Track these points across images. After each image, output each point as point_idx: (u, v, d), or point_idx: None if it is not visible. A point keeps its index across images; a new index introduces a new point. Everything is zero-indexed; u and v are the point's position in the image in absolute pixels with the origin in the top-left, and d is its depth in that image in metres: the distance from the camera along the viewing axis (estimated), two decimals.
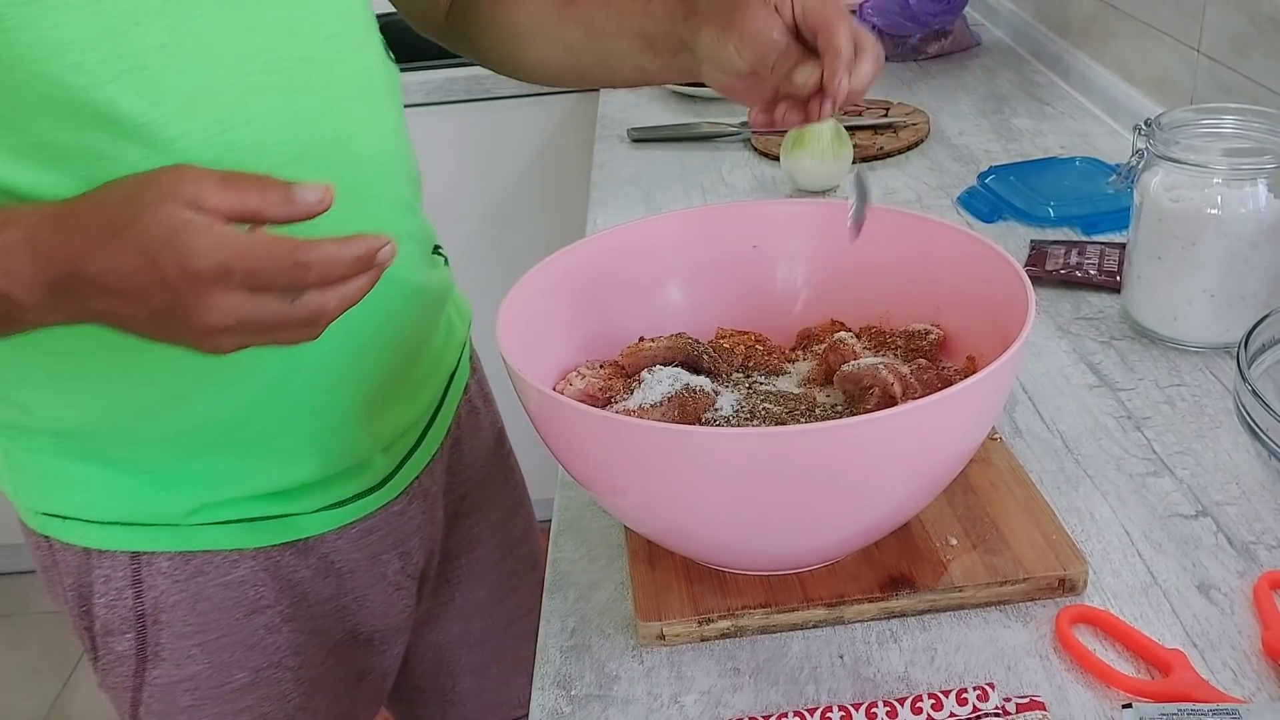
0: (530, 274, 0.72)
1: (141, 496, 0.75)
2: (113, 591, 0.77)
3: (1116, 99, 1.36)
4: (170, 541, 0.76)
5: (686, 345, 0.73)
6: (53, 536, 0.78)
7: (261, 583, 0.79)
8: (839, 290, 0.79)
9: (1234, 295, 0.86)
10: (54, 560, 0.79)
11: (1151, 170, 0.88)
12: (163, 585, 0.77)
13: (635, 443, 0.58)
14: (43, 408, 0.72)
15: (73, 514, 0.76)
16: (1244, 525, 0.71)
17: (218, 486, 0.76)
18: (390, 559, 0.85)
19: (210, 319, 0.55)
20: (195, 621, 0.78)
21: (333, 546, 0.82)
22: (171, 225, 0.53)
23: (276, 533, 0.79)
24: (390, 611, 0.88)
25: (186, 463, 0.74)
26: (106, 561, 0.77)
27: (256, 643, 0.80)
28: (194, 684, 0.80)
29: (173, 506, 0.75)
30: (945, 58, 1.68)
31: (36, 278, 0.56)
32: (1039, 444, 0.80)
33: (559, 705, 0.63)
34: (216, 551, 0.77)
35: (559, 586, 0.71)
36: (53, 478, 0.75)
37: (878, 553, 0.68)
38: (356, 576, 0.84)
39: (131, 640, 0.79)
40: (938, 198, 1.21)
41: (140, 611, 0.78)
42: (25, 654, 2.28)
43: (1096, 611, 0.64)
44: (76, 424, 0.73)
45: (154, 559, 0.76)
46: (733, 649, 0.65)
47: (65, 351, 0.69)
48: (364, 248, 0.55)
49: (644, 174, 1.36)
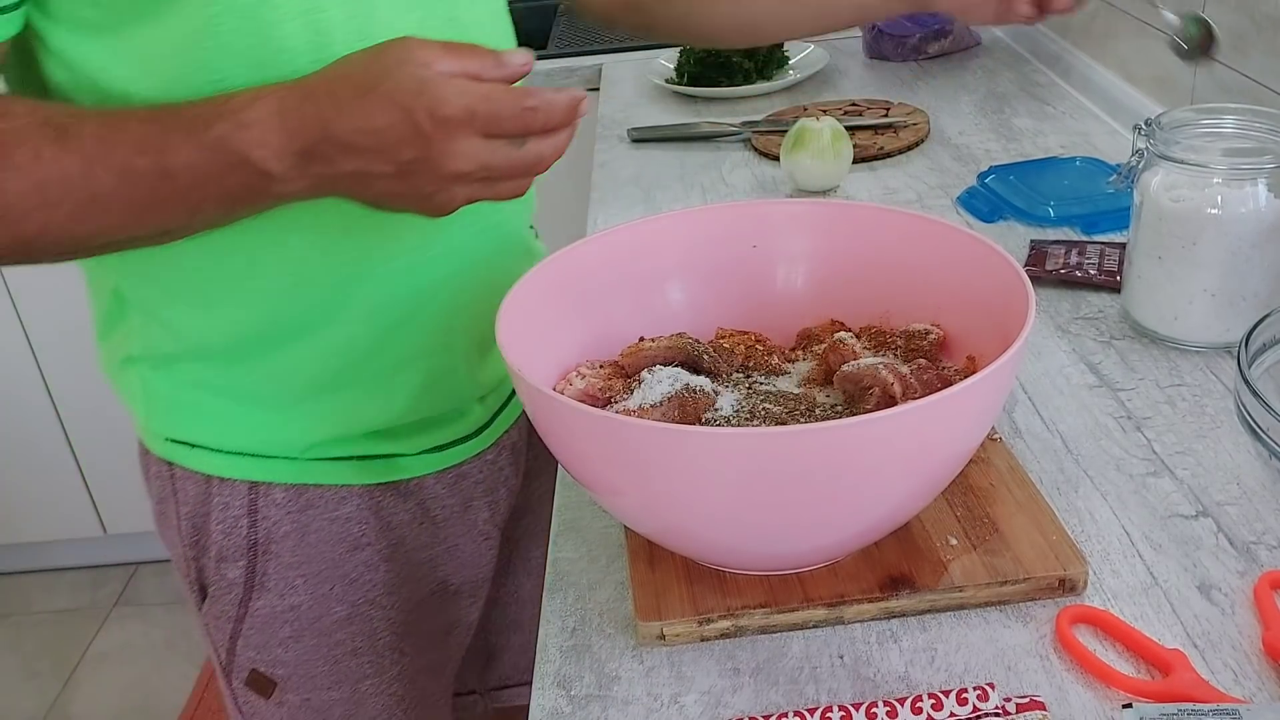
0: (530, 274, 0.72)
1: (264, 428, 0.80)
2: (230, 519, 0.82)
3: (1117, 98, 1.36)
4: (286, 474, 0.82)
5: (686, 345, 0.73)
6: (176, 463, 0.83)
7: (364, 520, 0.84)
8: (839, 290, 0.79)
9: (1234, 295, 0.86)
10: (173, 489, 0.84)
11: (1151, 170, 0.88)
12: (276, 516, 0.82)
13: (635, 443, 0.58)
14: (189, 331, 0.77)
15: (199, 442, 0.81)
16: (1244, 525, 0.71)
17: (333, 423, 0.81)
18: (480, 507, 0.91)
19: (454, 164, 0.60)
20: (302, 553, 0.83)
21: (431, 492, 0.87)
22: (418, 81, 0.59)
23: (382, 472, 0.84)
24: (478, 562, 0.93)
25: (308, 399, 0.79)
26: (226, 490, 0.82)
27: (356, 578, 0.85)
28: (294, 615, 0.85)
29: (291, 440, 0.81)
30: (945, 57, 1.68)
31: (287, 147, 0.61)
32: (1039, 444, 0.80)
33: (559, 705, 0.63)
34: (327, 487, 0.83)
35: (559, 586, 0.71)
36: (185, 407, 0.80)
37: (878, 553, 0.68)
38: (449, 525, 0.89)
39: (243, 568, 0.83)
40: (938, 198, 1.21)
41: (254, 540, 0.83)
42: (25, 654, 2.28)
43: (1097, 611, 0.64)
44: (217, 349, 0.77)
45: (270, 490, 0.82)
46: (733, 649, 0.65)
47: (218, 277, 0.74)
48: (572, 95, 0.62)
49: (644, 174, 1.36)
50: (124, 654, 2.25)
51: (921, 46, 1.67)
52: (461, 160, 0.61)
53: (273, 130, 0.61)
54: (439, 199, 0.63)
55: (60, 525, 2.34)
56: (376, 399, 0.81)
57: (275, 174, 0.62)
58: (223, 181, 0.62)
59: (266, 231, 0.71)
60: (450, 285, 0.77)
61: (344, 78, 0.61)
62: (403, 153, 0.60)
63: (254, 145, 0.61)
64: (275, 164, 0.61)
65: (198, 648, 2.22)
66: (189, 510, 0.84)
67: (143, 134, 0.62)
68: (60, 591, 2.43)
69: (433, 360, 0.82)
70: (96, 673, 2.21)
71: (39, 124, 0.62)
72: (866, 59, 1.71)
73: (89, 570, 2.47)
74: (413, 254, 0.77)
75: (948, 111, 1.46)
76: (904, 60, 1.68)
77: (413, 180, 0.62)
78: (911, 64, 1.67)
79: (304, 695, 0.88)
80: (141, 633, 2.29)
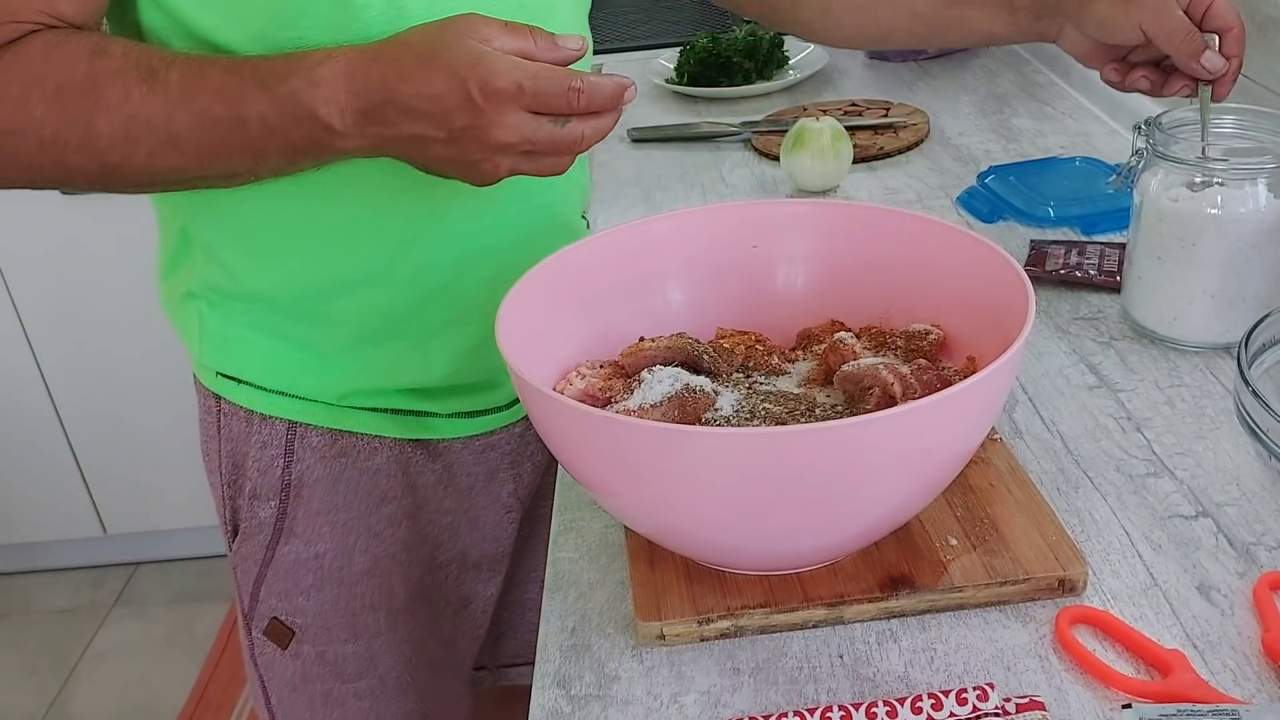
0: (530, 274, 0.72)
1: (304, 371, 0.84)
2: (267, 457, 0.86)
3: (1116, 98, 1.36)
4: (323, 417, 0.85)
5: (686, 345, 0.73)
6: (223, 397, 0.86)
7: (393, 475, 0.88)
8: (839, 290, 0.79)
9: (1234, 295, 0.86)
10: (218, 425, 0.88)
11: (1151, 170, 0.88)
12: (310, 460, 0.86)
13: (635, 443, 0.58)
14: (244, 274, 0.81)
15: (244, 377, 0.85)
16: (1244, 526, 0.71)
17: (371, 376, 0.84)
18: (505, 479, 0.94)
19: (501, 135, 0.65)
20: (331, 500, 0.87)
21: (458, 457, 0.91)
22: (475, 54, 0.64)
23: (414, 428, 0.88)
24: (499, 536, 0.95)
25: (349, 350, 0.83)
26: (266, 428, 0.85)
27: (380, 531, 0.88)
28: (318, 564, 0.88)
29: (329, 386, 0.84)
30: (945, 57, 1.68)
31: (350, 105, 0.66)
32: (1039, 444, 0.80)
33: (559, 705, 0.63)
34: (360, 436, 0.86)
35: (559, 586, 0.71)
36: (234, 342, 0.84)
37: (877, 553, 0.68)
38: (474, 494, 0.92)
39: (274, 508, 0.87)
40: (938, 198, 1.21)
41: (287, 481, 0.86)
42: (24, 653, 2.28)
43: (1096, 612, 0.64)
44: (268, 294, 0.81)
45: (307, 432, 0.85)
46: (732, 649, 0.65)
47: (276, 227, 0.78)
48: (618, 83, 0.67)
49: (644, 174, 1.36)
50: (123, 653, 2.25)
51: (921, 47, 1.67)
52: (507, 131, 0.65)
53: (340, 89, 0.66)
54: (484, 167, 0.67)
55: (60, 525, 2.34)
56: (414, 359, 0.85)
57: (338, 130, 0.66)
58: (289, 133, 0.67)
59: (326, 189, 0.75)
60: (496, 256, 0.81)
61: (408, 46, 0.66)
62: (455, 119, 0.65)
63: (321, 102, 0.66)
64: (338, 121, 0.66)
65: (198, 646, 2.23)
66: (230, 448, 0.87)
67: (223, 83, 0.67)
68: (60, 591, 2.43)
69: (471, 327, 0.84)
70: (96, 672, 2.21)
71: (132, 65, 0.67)
72: (866, 59, 1.71)
73: (89, 570, 2.47)
74: (463, 221, 0.80)
75: (948, 112, 1.46)
76: (904, 60, 1.68)
77: (462, 146, 0.66)
78: (911, 64, 1.67)
79: (319, 648, 0.91)
80: (141, 632, 2.29)
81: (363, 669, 0.92)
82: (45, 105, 0.66)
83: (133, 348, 2.14)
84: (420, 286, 0.82)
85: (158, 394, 2.18)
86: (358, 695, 0.93)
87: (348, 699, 0.93)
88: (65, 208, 2.01)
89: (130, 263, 2.04)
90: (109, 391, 2.19)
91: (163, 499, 2.30)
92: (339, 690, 0.93)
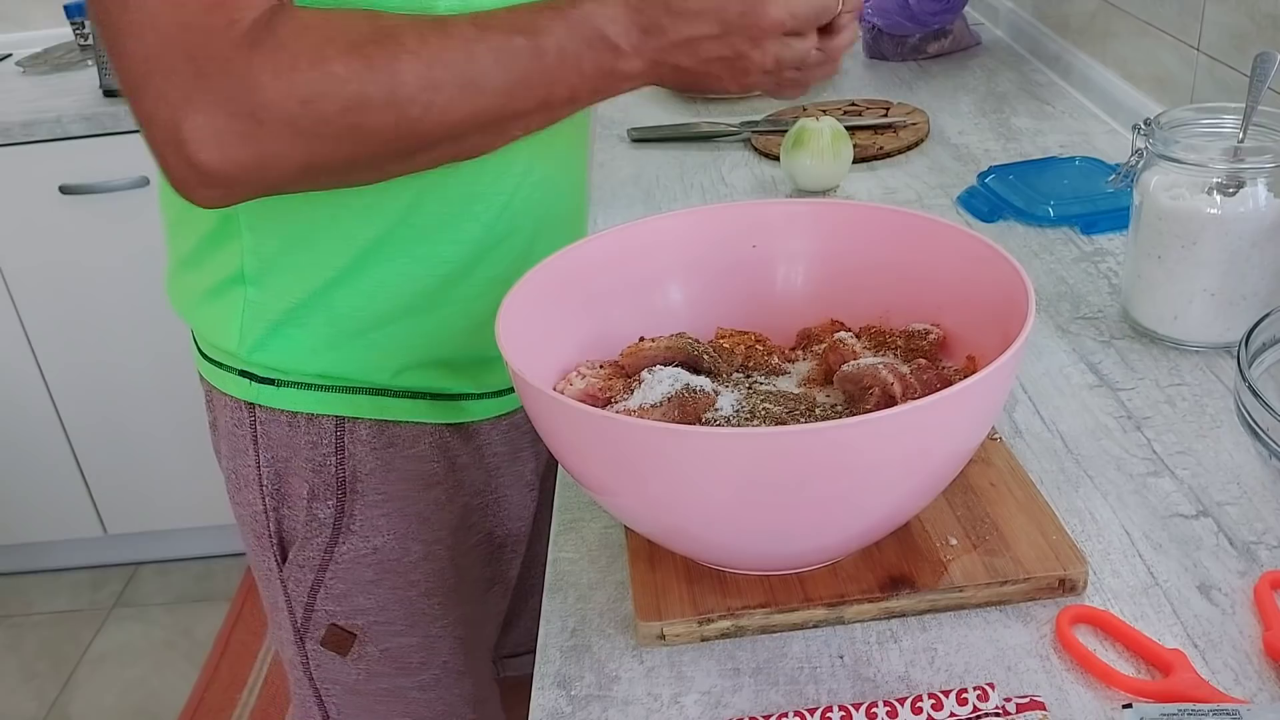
0: (530, 274, 0.72)
1: (353, 353, 0.83)
2: (320, 456, 0.85)
3: (1116, 98, 1.36)
4: (369, 409, 0.85)
5: (686, 345, 0.73)
6: (260, 404, 0.85)
7: (435, 459, 0.89)
8: (839, 290, 0.79)
9: (1234, 294, 0.85)
10: (253, 437, 0.86)
11: (1151, 169, 0.88)
12: (361, 453, 0.86)
13: (635, 443, 0.58)
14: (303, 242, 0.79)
15: (290, 373, 0.84)
16: (1245, 525, 0.71)
17: (417, 347, 0.84)
18: (528, 457, 0.96)
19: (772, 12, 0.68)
20: (385, 490, 0.87)
21: (487, 437, 0.92)
22: None
23: (451, 412, 0.89)
24: (522, 515, 0.97)
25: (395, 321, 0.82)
26: (313, 427, 0.85)
27: (429, 516, 0.89)
28: (377, 557, 0.88)
29: (379, 365, 0.84)
30: (945, 57, 1.68)
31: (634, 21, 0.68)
32: (1039, 444, 0.80)
33: (559, 705, 0.63)
34: (404, 424, 0.87)
35: (559, 586, 0.71)
36: (282, 331, 0.82)
37: (878, 553, 0.68)
38: (500, 473, 0.94)
39: (333, 507, 0.86)
40: (937, 197, 1.21)
41: (342, 477, 0.86)
42: (24, 655, 2.28)
43: (1097, 612, 0.64)
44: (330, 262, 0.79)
45: (355, 426, 0.85)
46: (733, 649, 0.65)
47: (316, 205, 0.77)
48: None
49: (643, 174, 1.36)
50: (123, 655, 2.25)
51: (921, 46, 1.67)
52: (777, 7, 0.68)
53: (621, 7, 0.68)
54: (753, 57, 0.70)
55: (60, 526, 2.34)
56: (456, 323, 0.85)
57: (623, 49, 0.68)
58: (581, 60, 0.68)
59: None
60: (528, 219, 0.83)
61: None
62: (728, 8, 0.68)
63: (609, 20, 0.68)
64: (624, 39, 0.68)
65: (198, 648, 2.22)
66: (271, 456, 0.86)
67: (514, 16, 0.68)
68: (60, 592, 2.43)
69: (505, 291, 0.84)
70: (96, 674, 2.21)
71: (415, 18, 0.67)
72: (866, 59, 1.71)
73: (88, 571, 2.47)
74: (516, 182, 0.82)
75: (947, 111, 1.46)
76: (903, 60, 1.68)
77: (731, 40, 0.69)
78: (911, 64, 1.67)
79: (382, 645, 0.91)
80: (141, 633, 2.29)
81: (425, 659, 0.92)
82: (345, 60, 0.64)
83: (134, 348, 2.14)
84: (475, 246, 0.82)
85: (159, 394, 2.19)
86: (421, 688, 0.93)
87: (410, 692, 0.93)
88: (65, 207, 2.01)
89: (131, 263, 2.04)
90: (110, 391, 2.19)
91: (163, 499, 2.31)
92: (402, 685, 0.93)
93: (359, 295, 0.81)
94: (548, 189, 0.85)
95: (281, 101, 0.63)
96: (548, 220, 0.86)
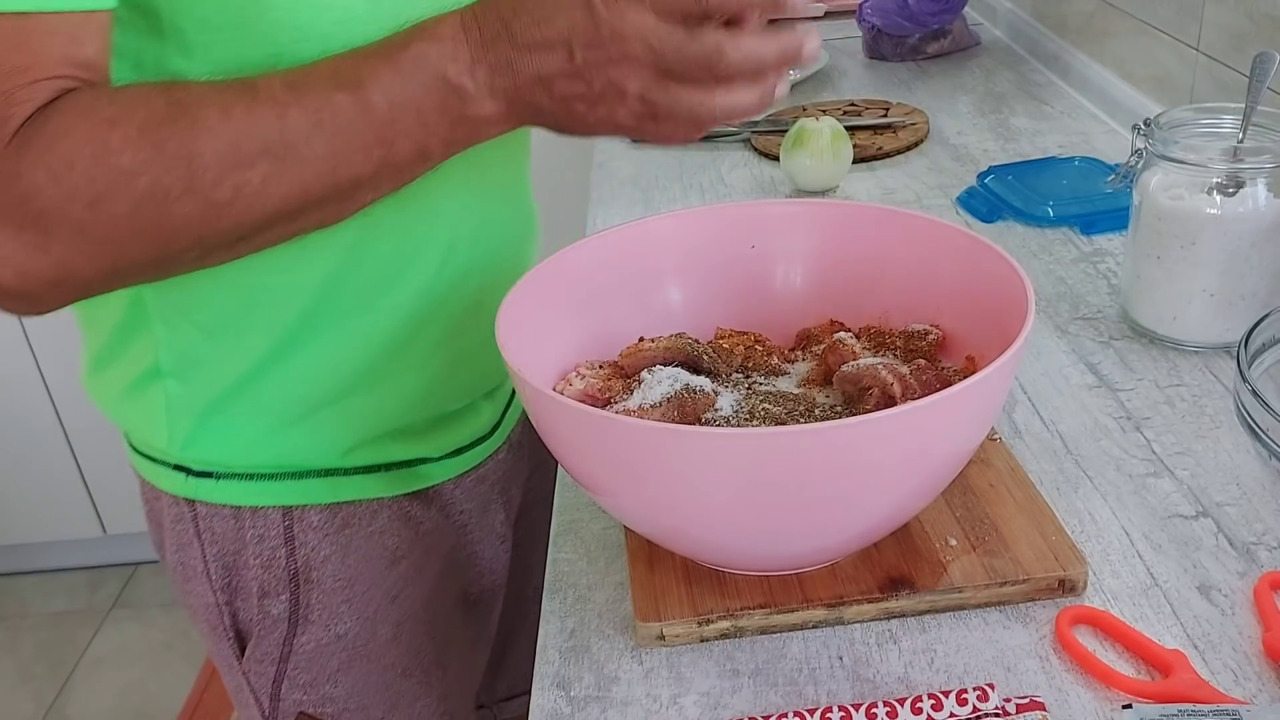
0: (530, 274, 0.72)
1: (300, 438, 0.77)
2: (268, 551, 0.79)
3: (1115, 98, 1.36)
4: (320, 493, 0.79)
5: (686, 345, 0.72)
6: (200, 500, 0.79)
7: (398, 532, 0.83)
8: (838, 290, 0.79)
9: (1234, 295, 0.85)
10: (196, 532, 0.80)
11: (1150, 170, 0.88)
12: (314, 541, 0.79)
13: (635, 443, 0.58)
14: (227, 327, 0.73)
15: (229, 467, 0.78)
16: (1244, 526, 0.71)
17: (367, 421, 0.78)
18: (497, 508, 0.90)
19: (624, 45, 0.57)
20: (345, 575, 0.81)
21: (451, 496, 0.86)
22: None
23: (409, 480, 0.83)
24: (495, 568, 0.92)
25: (344, 398, 0.76)
26: (259, 520, 0.78)
27: (398, 594, 0.83)
28: (342, 644, 0.82)
29: (327, 447, 0.78)
30: (944, 58, 1.68)
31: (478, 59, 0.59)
32: (1038, 445, 0.80)
33: (558, 706, 0.63)
34: (360, 502, 0.81)
35: (558, 587, 0.71)
36: (215, 426, 0.76)
37: (877, 554, 0.68)
38: (470, 530, 0.88)
39: (286, 601, 0.80)
40: (937, 198, 1.21)
41: (294, 570, 0.80)
42: (21, 657, 2.27)
43: (1096, 612, 0.64)
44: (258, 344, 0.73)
45: (305, 513, 0.79)
46: (732, 650, 0.65)
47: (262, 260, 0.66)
48: None
49: (642, 174, 1.36)
50: (121, 656, 2.24)
51: (920, 47, 1.67)
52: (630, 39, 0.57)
53: (462, 44, 0.59)
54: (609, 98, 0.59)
55: (59, 526, 2.34)
56: (408, 389, 0.79)
57: (469, 91, 0.59)
58: (421, 111, 0.59)
59: None
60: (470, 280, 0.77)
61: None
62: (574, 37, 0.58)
63: (449, 60, 0.59)
64: (469, 80, 0.59)
65: (196, 649, 2.22)
66: (218, 550, 0.80)
67: (336, 67, 0.59)
68: (57, 593, 2.43)
69: (460, 343, 0.80)
70: (93, 675, 2.21)
71: (220, 86, 0.58)
72: (865, 59, 1.71)
73: (86, 571, 2.47)
74: (454, 229, 0.76)
75: (946, 111, 1.46)
76: (903, 60, 1.68)
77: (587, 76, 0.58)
78: (910, 64, 1.67)
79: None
80: (139, 635, 2.29)
81: None
82: (132, 149, 0.55)
83: None
84: (419, 305, 0.76)
85: None
86: None
87: None
88: None
89: None
90: None
91: None
92: None
93: (292, 379, 0.75)
94: (490, 230, 0.79)
95: (64, 207, 0.55)
96: (497, 263, 0.80)
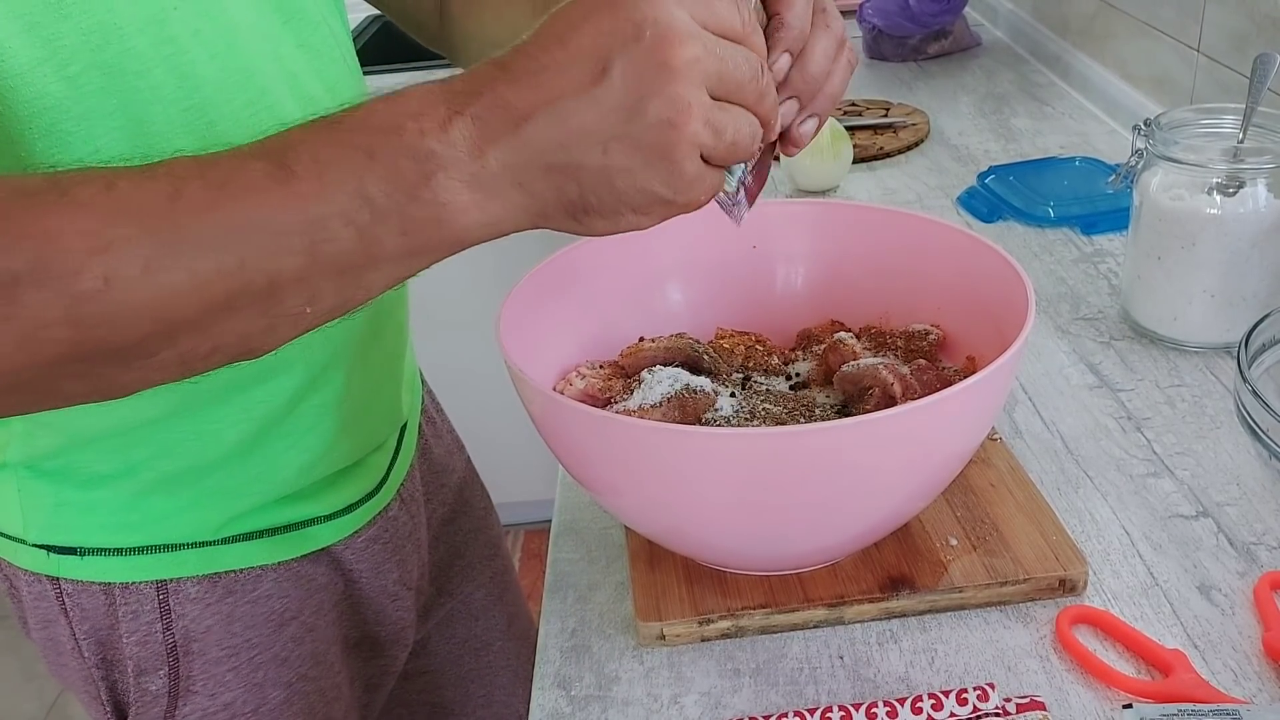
0: (530, 274, 0.72)
1: (172, 513, 0.72)
2: (143, 627, 0.74)
3: (1116, 98, 1.36)
4: (196, 565, 0.73)
5: (686, 345, 0.72)
6: (66, 578, 0.72)
7: (285, 594, 0.77)
8: (839, 290, 0.79)
9: (1234, 295, 0.85)
10: (63, 609, 0.74)
11: (1151, 170, 0.88)
12: (193, 612, 0.74)
13: (635, 443, 0.58)
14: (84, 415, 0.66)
15: (94, 545, 0.72)
16: (1244, 526, 0.71)
17: (250, 490, 0.73)
18: (389, 568, 0.84)
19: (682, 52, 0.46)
20: (229, 645, 0.76)
21: (341, 556, 0.81)
22: None
23: (295, 544, 0.77)
24: (403, 615, 0.87)
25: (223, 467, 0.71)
26: (132, 596, 0.73)
27: (287, 656, 0.78)
28: (229, 713, 0.77)
29: (204, 520, 0.72)
30: (945, 58, 1.68)
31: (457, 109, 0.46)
32: (1039, 444, 0.80)
33: (559, 706, 0.63)
34: (241, 571, 0.75)
35: (559, 587, 0.71)
36: (74, 507, 0.71)
37: (878, 553, 0.68)
38: (361, 585, 0.83)
39: (164, 677, 0.75)
40: (937, 198, 1.21)
41: (171, 644, 0.74)
42: (24, 657, 2.27)
43: (1097, 612, 0.64)
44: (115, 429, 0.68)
45: (181, 585, 0.73)
46: (732, 649, 0.65)
47: None
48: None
49: None
50: None
51: (921, 47, 1.67)
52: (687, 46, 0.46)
53: (436, 97, 0.46)
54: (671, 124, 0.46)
55: None
56: (290, 460, 0.73)
57: (437, 151, 0.45)
58: (362, 181, 0.45)
59: None
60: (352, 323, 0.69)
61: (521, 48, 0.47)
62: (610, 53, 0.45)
63: (409, 116, 0.45)
64: (436, 135, 0.45)
65: None
66: (89, 627, 0.74)
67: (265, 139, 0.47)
68: None
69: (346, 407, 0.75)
70: None
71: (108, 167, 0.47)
72: (866, 59, 1.71)
73: None
74: None
75: (947, 112, 1.46)
76: (903, 60, 1.68)
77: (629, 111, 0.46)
78: (911, 64, 1.67)
79: None
80: None
81: None
82: None
83: None
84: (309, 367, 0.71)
85: None
86: None
87: None
88: None
89: None
90: None
91: None
92: None
93: (159, 459, 0.69)
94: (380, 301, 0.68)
95: None
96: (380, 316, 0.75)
